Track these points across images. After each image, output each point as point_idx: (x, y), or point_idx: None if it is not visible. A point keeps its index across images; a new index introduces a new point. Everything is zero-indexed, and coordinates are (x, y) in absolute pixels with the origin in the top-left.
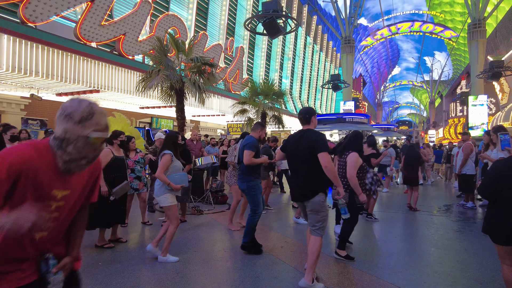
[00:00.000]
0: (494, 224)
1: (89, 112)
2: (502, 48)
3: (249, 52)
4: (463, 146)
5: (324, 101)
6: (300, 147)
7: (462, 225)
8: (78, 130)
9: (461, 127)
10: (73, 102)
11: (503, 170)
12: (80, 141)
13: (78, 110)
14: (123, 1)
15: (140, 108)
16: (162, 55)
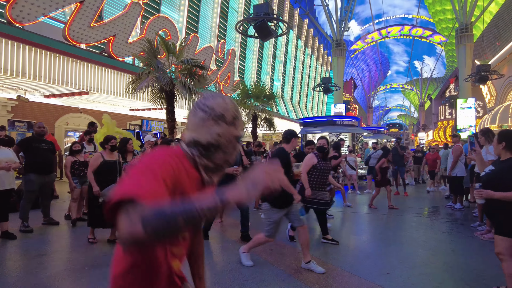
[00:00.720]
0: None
1: (236, 109)
2: (489, 52)
3: (241, 55)
4: (452, 148)
5: (316, 104)
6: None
7: (450, 226)
8: (232, 132)
9: (450, 130)
10: (216, 100)
11: None
12: (231, 143)
13: (228, 108)
14: (113, 2)
15: (130, 110)
16: (152, 57)
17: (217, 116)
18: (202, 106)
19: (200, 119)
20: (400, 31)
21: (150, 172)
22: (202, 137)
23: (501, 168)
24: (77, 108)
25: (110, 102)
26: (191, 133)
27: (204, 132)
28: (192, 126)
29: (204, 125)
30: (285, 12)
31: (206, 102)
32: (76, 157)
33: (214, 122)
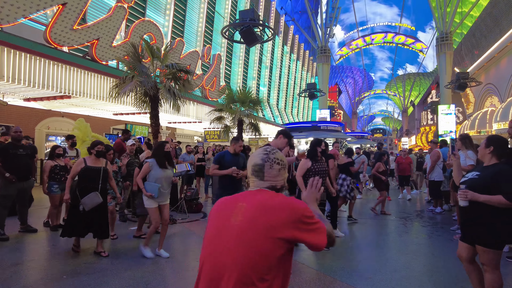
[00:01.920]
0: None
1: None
2: (468, 60)
3: (227, 60)
4: (431, 153)
5: (301, 109)
6: None
7: (430, 230)
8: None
9: (432, 135)
10: (280, 154)
11: None
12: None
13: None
14: (97, 5)
15: (114, 114)
16: (137, 61)
17: (285, 166)
18: (277, 161)
19: (277, 170)
20: (384, 38)
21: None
22: (279, 183)
23: (492, 173)
24: (59, 112)
25: (93, 106)
26: (269, 182)
27: (280, 179)
28: (270, 176)
29: (279, 174)
30: (271, 18)
31: (277, 156)
32: (57, 161)
33: (284, 170)
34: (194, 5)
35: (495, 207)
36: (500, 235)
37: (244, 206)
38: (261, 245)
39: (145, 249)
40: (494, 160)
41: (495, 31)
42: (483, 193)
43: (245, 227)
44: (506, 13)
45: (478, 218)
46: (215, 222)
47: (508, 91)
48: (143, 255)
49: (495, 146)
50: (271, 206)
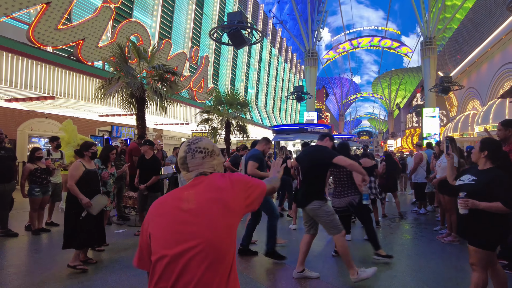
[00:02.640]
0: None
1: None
2: (451, 65)
3: (215, 62)
4: (414, 155)
5: (289, 111)
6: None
7: (415, 230)
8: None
9: (417, 137)
10: (205, 141)
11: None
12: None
13: (213, 144)
14: (82, 5)
15: (99, 116)
16: (123, 62)
17: (212, 152)
18: (199, 149)
19: (200, 158)
20: (370, 42)
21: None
22: (206, 171)
23: (488, 178)
24: (43, 113)
25: (78, 107)
26: (196, 171)
27: (207, 167)
28: (194, 165)
29: (204, 162)
30: (259, 21)
31: (199, 145)
32: (37, 164)
33: (210, 157)
34: (182, 6)
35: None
36: (492, 237)
37: (191, 192)
38: (224, 218)
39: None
40: (488, 164)
41: (476, 36)
42: (481, 199)
43: (205, 205)
44: (486, 20)
45: (473, 220)
46: (164, 217)
47: (488, 95)
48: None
49: (489, 150)
50: (219, 185)
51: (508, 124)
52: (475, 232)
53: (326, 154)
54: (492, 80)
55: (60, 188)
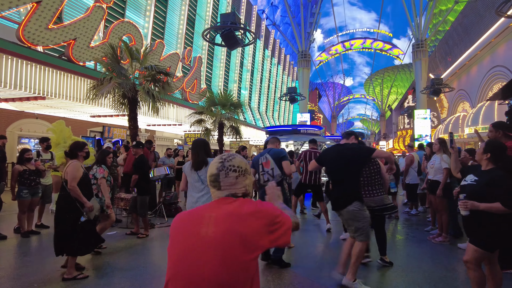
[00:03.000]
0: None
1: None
2: (441, 67)
3: (208, 63)
4: (405, 157)
5: (282, 112)
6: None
7: (406, 231)
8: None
9: (408, 139)
10: (238, 158)
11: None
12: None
13: (246, 162)
14: (74, 5)
15: (91, 116)
16: (115, 62)
17: (245, 171)
18: (233, 168)
19: (234, 177)
20: (363, 44)
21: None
22: (239, 191)
23: (488, 179)
24: (33, 114)
25: (70, 108)
26: (227, 191)
27: (240, 187)
28: (226, 185)
29: (237, 181)
30: (253, 22)
31: (233, 163)
32: (26, 165)
33: (244, 176)
34: (175, 6)
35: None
36: (492, 238)
37: (213, 216)
38: (240, 255)
39: None
40: (490, 165)
41: (465, 40)
42: (482, 200)
43: (221, 237)
44: (475, 23)
45: (474, 221)
46: (182, 236)
47: (478, 97)
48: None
49: (492, 153)
50: (242, 214)
51: (498, 126)
52: (476, 232)
53: (364, 150)
54: (481, 83)
55: (50, 189)
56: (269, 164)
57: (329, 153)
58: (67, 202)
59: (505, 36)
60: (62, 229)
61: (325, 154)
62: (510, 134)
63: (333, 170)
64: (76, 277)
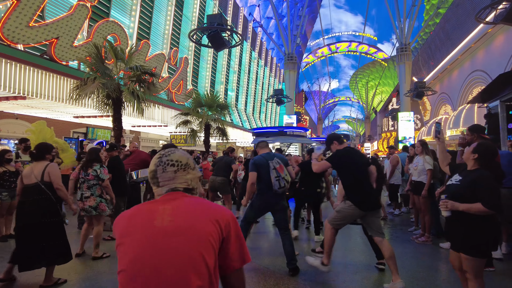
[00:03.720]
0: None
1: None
2: (424, 71)
3: (194, 63)
4: (390, 158)
5: (269, 114)
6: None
7: (390, 231)
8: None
9: (392, 141)
10: (177, 153)
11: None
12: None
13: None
14: (56, 2)
15: (74, 117)
16: (99, 62)
17: (186, 165)
18: (171, 162)
19: (171, 172)
20: (348, 47)
21: None
22: (179, 186)
23: (472, 179)
24: (13, 114)
25: (52, 108)
26: (167, 187)
27: (179, 182)
28: (165, 180)
29: (175, 176)
30: (239, 24)
31: (171, 158)
32: (6, 167)
33: (184, 171)
34: (161, 7)
35: (476, 215)
36: (481, 244)
37: (168, 208)
38: (203, 243)
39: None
40: (476, 166)
41: (447, 44)
42: (464, 200)
43: (180, 226)
44: (457, 28)
45: (460, 226)
46: (133, 234)
47: (459, 100)
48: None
49: (480, 155)
50: (207, 206)
51: (473, 130)
52: (461, 237)
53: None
54: (462, 86)
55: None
56: (283, 169)
57: (360, 156)
58: (51, 204)
59: (484, 42)
60: (44, 237)
61: (360, 157)
62: (484, 136)
63: (364, 172)
64: (57, 282)
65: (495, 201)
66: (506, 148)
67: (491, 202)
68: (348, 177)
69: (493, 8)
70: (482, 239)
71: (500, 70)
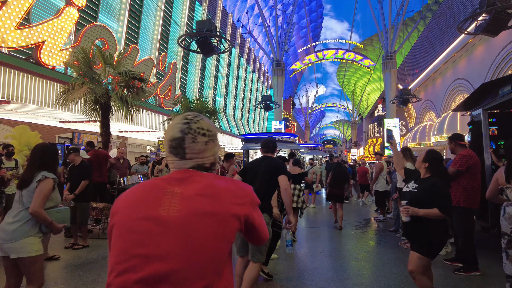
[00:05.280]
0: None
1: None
2: (409, 78)
3: (183, 69)
4: (375, 165)
5: (257, 120)
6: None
7: (379, 237)
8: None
9: (378, 146)
10: (206, 120)
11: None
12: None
13: (214, 125)
14: (43, 6)
15: (60, 122)
16: (87, 67)
17: (215, 136)
18: (202, 131)
19: (203, 143)
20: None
21: None
22: (207, 160)
23: (427, 186)
24: None
25: (37, 112)
26: (194, 160)
27: (209, 155)
28: (193, 152)
29: (206, 148)
30: (228, 30)
31: (202, 125)
32: None
33: (213, 143)
34: (150, 12)
35: (430, 218)
36: (432, 244)
37: (178, 192)
38: (211, 242)
39: None
40: (428, 174)
41: (431, 53)
42: (421, 206)
43: (188, 220)
44: (439, 38)
45: (415, 227)
46: (132, 217)
47: (443, 108)
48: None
49: (431, 163)
50: (218, 191)
51: (452, 138)
52: (418, 239)
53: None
54: (445, 93)
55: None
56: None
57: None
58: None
59: (465, 52)
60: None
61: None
62: (462, 144)
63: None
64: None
65: (450, 207)
66: (488, 154)
67: (446, 207)
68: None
69: (474, 19)
70: (435, 240)
71: (481, 78)
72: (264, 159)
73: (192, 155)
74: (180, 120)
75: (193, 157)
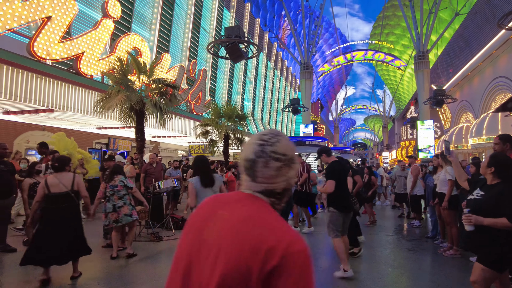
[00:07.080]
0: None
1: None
2: (443, 78)
3: (212, 75)
4: (411, 168)
5: (285, 124)
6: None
7: (415, 243)
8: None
9: (412, 149)
10: (283, 143)
11: None
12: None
13: (293, 148)
14: (82, 19)
15: (97, 128)
16: (123, 75)
17: (290, 161)
18: (276, 155)
19: (275, 169)
20: (364, 55)
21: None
22: (278, 186)
23: (496, 194)
24: (40, 126)
25: (76, 120)
26: (264, 185)
27: (281, 181)
28: (264, 177)
29: (279, 174)
30: (255, 35)
31: (277, 149)
32: (36, 178)
33: (288, 167)
34: (180, 20)
35: (501, 229)
36: (500, 256)
37: (224, 216)
38: (245, 272)
39: None
40: (496, 179)
41: (466, 51)
42: (488, 215)
43: (223, 248)
44: (475, 36)
45: (479, 237)
46: (185, 239)
47: (481, 108)
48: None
49: (496, 167)
50: (259, 224)
51: (505, 139)
52: (483, 249)
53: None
54: (484, 93)
55: None
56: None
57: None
58: (77, 209)
59: (507, 48)
60: (78, 235)
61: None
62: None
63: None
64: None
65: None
66: None
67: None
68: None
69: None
70: (502, 252)
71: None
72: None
73: (263, 180)
74: (255, 140)
75: (263, 181)
